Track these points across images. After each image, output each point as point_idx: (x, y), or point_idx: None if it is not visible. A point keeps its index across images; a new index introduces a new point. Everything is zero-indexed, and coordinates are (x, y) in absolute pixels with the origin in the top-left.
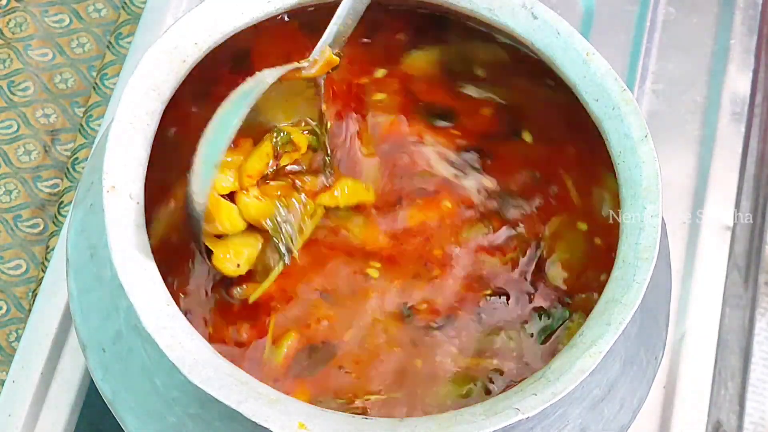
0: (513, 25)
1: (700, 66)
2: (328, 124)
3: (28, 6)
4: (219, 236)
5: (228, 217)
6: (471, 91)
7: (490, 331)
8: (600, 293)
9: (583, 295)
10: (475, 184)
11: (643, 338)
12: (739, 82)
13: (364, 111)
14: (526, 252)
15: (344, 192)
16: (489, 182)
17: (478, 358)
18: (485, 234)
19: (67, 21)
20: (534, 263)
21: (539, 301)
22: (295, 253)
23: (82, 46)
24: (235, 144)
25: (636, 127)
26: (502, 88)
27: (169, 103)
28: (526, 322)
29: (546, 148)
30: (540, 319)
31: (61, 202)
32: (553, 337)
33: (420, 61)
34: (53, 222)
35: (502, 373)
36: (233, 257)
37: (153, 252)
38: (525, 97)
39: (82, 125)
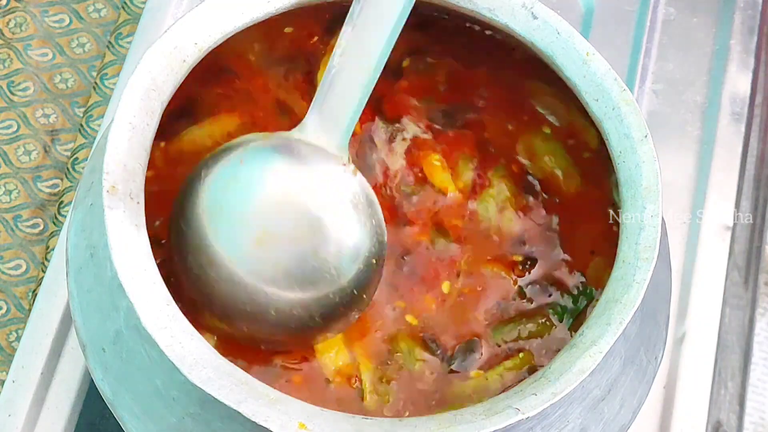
0: (513, 25)
1: (700, 66)
2: None
3: (28, 6)
4: None
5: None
6: None
7: (517, 322)
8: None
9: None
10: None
11: (643, 338)
12: (739, 82)
13: None
14: (522, 170)
15: None
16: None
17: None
18: (475, 164)
19: (67, 21)
20: (540, 197)
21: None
22: None
23: (82, 46)
24: None
25: (636, 127)
26: None
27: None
28: (552, 306)
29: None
30: (563, 298)
31: (61, 202)
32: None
33: None
34: (53, 222)
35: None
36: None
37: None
38: None
39: (82, 125)
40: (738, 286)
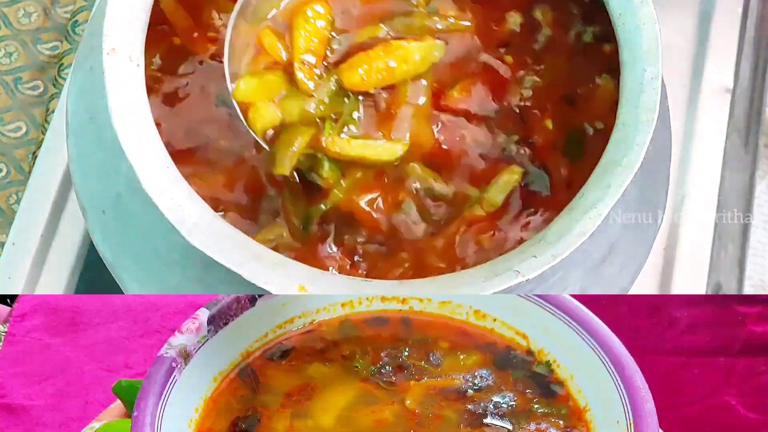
0: None
1: None
2: None
3: None
4: None
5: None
6: None
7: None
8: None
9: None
10: None
11: (643, 201)
12: None
13: None
14: None
15: None
16: None
17: None
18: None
19: None
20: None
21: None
22: None
23: None
24: None
25: None
26: None
27: None
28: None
29: None
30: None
31: (61, 65)
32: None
33: None
34: (53, 84)
35: None
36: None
37: None
38: None
39: None
40: (738, 148)
